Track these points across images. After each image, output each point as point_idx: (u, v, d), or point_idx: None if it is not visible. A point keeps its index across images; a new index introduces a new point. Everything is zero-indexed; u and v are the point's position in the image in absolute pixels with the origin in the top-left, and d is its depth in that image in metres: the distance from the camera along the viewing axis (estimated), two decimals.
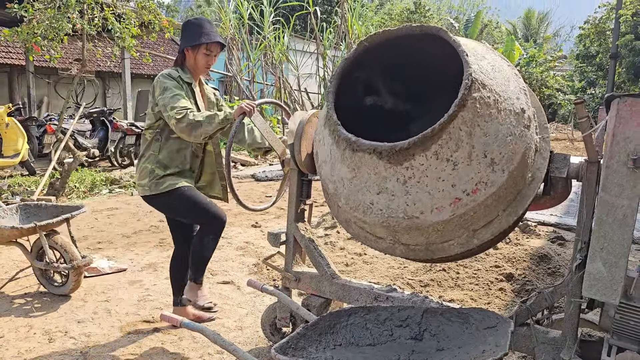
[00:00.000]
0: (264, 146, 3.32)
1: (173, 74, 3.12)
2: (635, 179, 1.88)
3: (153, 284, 4.24)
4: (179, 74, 3.14)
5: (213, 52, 3.18)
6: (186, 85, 3.14)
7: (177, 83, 3.08)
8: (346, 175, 2.16)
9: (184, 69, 3.21)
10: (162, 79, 3.10)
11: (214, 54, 3.20)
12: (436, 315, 2.11)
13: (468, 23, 25.89)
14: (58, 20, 7.29)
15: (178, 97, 2.99)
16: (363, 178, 2.09)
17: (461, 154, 1.93)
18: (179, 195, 3.10)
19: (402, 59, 2.45)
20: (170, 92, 3.01)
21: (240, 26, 17.23)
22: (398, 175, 2.00)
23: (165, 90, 3.03)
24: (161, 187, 3.10)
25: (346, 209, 2.26)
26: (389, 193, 2.05)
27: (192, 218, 3.29)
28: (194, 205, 3.13)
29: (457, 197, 1.98)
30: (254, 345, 3.24)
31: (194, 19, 3.26)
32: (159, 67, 18.33)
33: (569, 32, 39.76)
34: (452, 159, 1.93)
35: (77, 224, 5.94)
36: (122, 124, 11.09)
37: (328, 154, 2.26)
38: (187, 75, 3.19)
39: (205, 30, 3.13)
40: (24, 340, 3.28)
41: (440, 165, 1.94)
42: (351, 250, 4.91)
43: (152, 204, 3.25)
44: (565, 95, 23.23)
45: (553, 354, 2.25)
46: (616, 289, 1.94)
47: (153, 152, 3.16)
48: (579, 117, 2.06)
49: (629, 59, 19.08)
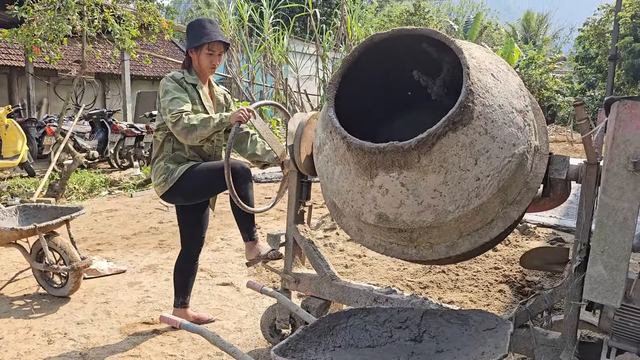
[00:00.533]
0: (263, 160, 3.31)
1: (176, 75, 3.13)
2: (636, 182, 1.88)
3: (152, 286, 4.24)
4: (182, 75, 3.15)
5: (216, 51, 3.16)
6: (190, 87, 3.14)
7: (178, 85, 3.08)
8: (346, 180, 2.20)
9: (190, 71, 3.21)
10: (165, 81, 3.11)
11: (218, 53, 3.18)
12: (435, 317, 2.11)
13: (467, 25, 25.92)
14: (58, 21, 7.29)
15: (176, 100, 2.99)
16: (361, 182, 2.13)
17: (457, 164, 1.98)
18: (195, 171, 3.09)
19: (398, 61, 2.45)
20: (170, 95, 3.02)
21: (240, 28, 17.26)
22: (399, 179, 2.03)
23: (166, 93, 3.04)
24: (175, 174, 3.09)
25: (350, 214, 2.29)
26: (388, 194, 2.07)
27: (218, 180, 3.01)
28: (214, 168, 3.09)
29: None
30: (254, 347, 3.23)
31: (196, 20, 3.26)
32: (158, 69, 18.34)
33: (568, 34, 39.83)
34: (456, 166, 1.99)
35: (76, 226, 5.93)
36: (121, 126, 11.09)
37: (330, 164, 2.30)
38: (193, 77, 3.19)
39: (206, 31, 3.13)
40: (23, 341, 3.27)
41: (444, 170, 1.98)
42: (350, 252, 4.91)
43: (174, 198, 3.22)
44: (565, 97, 23.25)
45: (552, 355, 2.25)
46: (617, 292, 1.94)
47: (166, 152, 3.17)
48: (579, 119, 2.07)
49: (628, 61, 19.10)
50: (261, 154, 3.31)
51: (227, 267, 4.70)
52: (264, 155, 3.31)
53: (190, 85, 3.15)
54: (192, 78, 3.18)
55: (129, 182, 8.98)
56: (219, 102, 3.36)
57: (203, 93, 3.20)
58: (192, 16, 35.88)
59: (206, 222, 3.46)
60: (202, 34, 3.13)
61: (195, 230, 3.42)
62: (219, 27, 3.23)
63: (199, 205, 3.32)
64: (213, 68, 3.22)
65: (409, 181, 2.01)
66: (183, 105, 2.98)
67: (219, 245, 5.31)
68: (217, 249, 5.20)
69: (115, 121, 11.51)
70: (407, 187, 2.02)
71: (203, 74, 3.24)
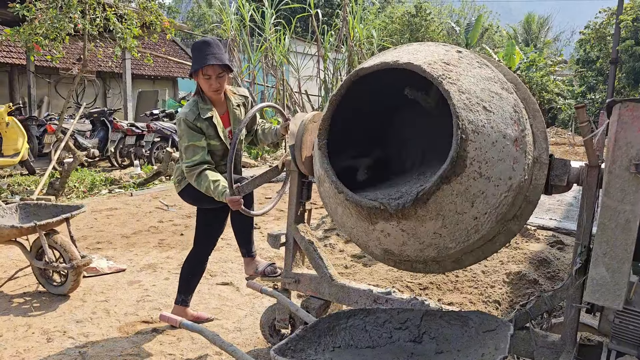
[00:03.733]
0: (274, 140, 3.33)
1: (190, 116, 3.04)
2: (638, 184, 1.87)
3: (152, 285, 4.24)
4: (198, 111, 3.07)
5: (212, 75, 3.02)
6: (205, 124, 3.07)
7: (192, 131, 3.03)
8: (348, 220, 2.28)
9: (204, 99, 3.13)
10: (181, 123, 3.05)
11: (215, 76, 3.04)
12: (435, 318, 2.11)
13: (469, 27, 25.88)
14: (60, 20, 7.28)
15: (191, 148, 3.02)
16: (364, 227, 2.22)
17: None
18: None
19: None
20: (184, 142, 3.04)
21: (242, 28, 17.23)
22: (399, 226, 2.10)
23: (181, 137, 3.07)
24: (187, 179, 3.12)
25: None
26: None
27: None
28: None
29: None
30: (253, 347, 3.23)
31: (196, 42, 3.14)
32: (159, 68, 18.33)
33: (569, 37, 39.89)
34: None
35: (76, 224, 5.93)
36: (122, 125, 11.09)
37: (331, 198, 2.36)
38: (207, 106, 3.11)
39: (200, 54, 3.01)
40: (23, 339, 3.27)
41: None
42: (350, 253, 4.90)
43: (185, 199, 3.29)
44: (565, 100, 23.22)
45: (552, 358, 2.25)
46: (619, 295, 1.93)
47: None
48: (580, 122, 2.06)
49: (629, 64, 19.12)
50: (269, 136, 3.33)
51: (226, 267, 4.69)
52: (270, 136, 3.33)
53: (205, 122, 3.07)
54: (207, 109, 3.09)
55: (129, 181, 8.98)
56: (235, 117, 3.25)
57: (218, 123, 3.13)
58: (194, 15, 35.88)
59: (223, 226, 3.47)
60: (196, 58, 3.03)
61: (210, 231, 3.43)
62: (215, 47, 3.04)
63: (220, 208, 3.27)
64: (216, 91, 3.09)
65: (408, 228, 2.07)
66: (197, 155, 3.01)
67: (219, 245, 5.28)
68: (217, 249, 5.17)
69: (116, 120, 11.51)
70: (407, 232, 2.09)
71: (211, 97, 3.15)
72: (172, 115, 12.87)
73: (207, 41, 3.10)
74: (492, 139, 1.98)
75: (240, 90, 3.37)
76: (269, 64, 17.12)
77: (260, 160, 12.19)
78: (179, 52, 19.28)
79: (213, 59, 3.00)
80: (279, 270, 3.18)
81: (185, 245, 5.23)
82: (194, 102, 3.12)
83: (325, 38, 17.06)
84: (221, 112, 3.20)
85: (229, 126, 3.25)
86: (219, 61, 3.01)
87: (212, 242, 3.47)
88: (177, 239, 5.63)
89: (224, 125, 3.20)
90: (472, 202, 1.99)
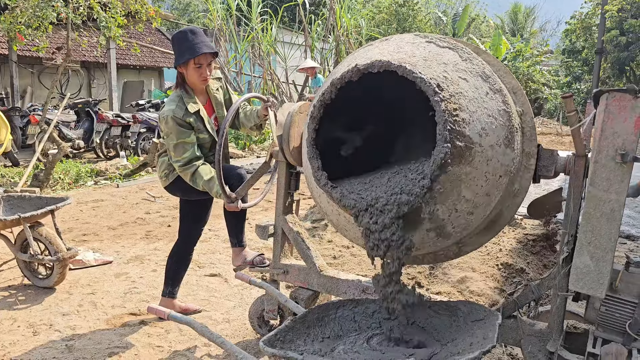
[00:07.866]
0: (256, 122, 3.26)
1: (177, 112, 2.97)
2: (623, 174, 1.89)
3: (139, 277, 4.21)
4: (185, 106, 3.01)
5: (204, 63, 3.00)
6: (193, 117, 3.03)
7: (181, 127, 2.98)
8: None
9: (187, 91, 3.08)
10: (169, 121, 2.96)
11: (206, 64, 3.02)
12: (424, 308, 2.12)
13: (456, 17, 25.96)
14: (42, 8, 7.17)
15: (180, 145, 2.97)
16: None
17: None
18: None
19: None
20: (172, 140, 2.97)
21: (228, 17, 17.07)
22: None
23: (168, 135, 2.99)
24: (175, 171, 3.10)
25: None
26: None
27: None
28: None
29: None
30: (242, 338, 3.23)
31: (178, 32, 3.08)
32: (145, 58, 18.11)
33: (555, 27, 40.11)
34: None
35: (61, 216, 5.87)
36: (107, 115, 10.96)
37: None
38: (192, 100, 3.06)
39: (189, 44, 2.96)
40: (8, 333, 3.24)
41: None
42: (339, 243, 4.91)
43: (173, 192, 3.27)
44: (552, 90, 23.41)
45: (539, 345, 2.27)
46: (603, 283, 1.96)
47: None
48: (568, 111, 2.07)
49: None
50: (252, 118, 3.27)
51: (214, 258, 4.68)
52: (252, 117, 3.27)
53: (193, 116, 3.03)
54: (192, 101, 3.05)
55: (115, 172, 8.89)
56: (217, 103, 3.23)
57: (204, 115, 3.10)
58: (179, 4, 35.46)
59: (207, 217, 3.46)
60: (185, 48, 2.97)
61: (195, 223, 3.42)
62: (203, 36, 3.02)
63: (204, 199, 3.29)
64: (204, 80, 3.07)
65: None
66: (187, 152, 2.97)
67: (207, 236, 5.28)
68: (204, 240, 5.17)
69: (101, 110, 11.38)
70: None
71: (196, 88, 3.12)
72: (158, 106, 12.73)
73: (194, 30, 3.05)
74: (483, 169, 1.97)
75: (214, 73, 3.32)
76: (256, 54, 16.99)
77: (247, 150, 12.13)
78: (165, 41, 19.02)
79: (205, 47, 2.98)
80: (267, 261, 3.17)
81: (173, 237, 5.19)
82: (178, 97, 3.05)
83: (312, 28, 16.97)
84: (203, 100, 3.18)
85: (213, 113, 3.23)
86: (211, 49, 3.01)
87: (197, 232, 3.45)
88: (164, 230, 5.59)
89: (208, 114, 3.17)
90: (455, 208, 2.01)
